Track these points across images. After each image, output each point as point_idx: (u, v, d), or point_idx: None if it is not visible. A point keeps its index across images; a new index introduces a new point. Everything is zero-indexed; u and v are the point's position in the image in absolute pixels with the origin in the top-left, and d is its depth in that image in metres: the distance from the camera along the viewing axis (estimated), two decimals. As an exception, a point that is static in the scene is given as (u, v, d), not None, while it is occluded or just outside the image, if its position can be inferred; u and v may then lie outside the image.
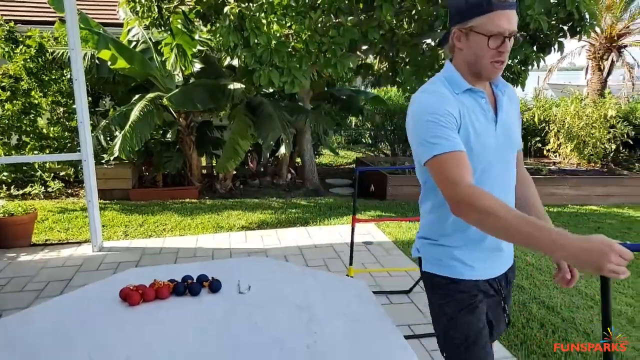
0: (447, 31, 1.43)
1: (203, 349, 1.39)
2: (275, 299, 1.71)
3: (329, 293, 1.76)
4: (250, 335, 1.46)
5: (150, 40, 6.21)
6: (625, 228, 6.02)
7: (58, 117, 5.96)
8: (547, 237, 1.08)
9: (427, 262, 1.50)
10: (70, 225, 4.98)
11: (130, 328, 1.52)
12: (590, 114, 8.22)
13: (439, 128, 1.29)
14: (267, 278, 1.90)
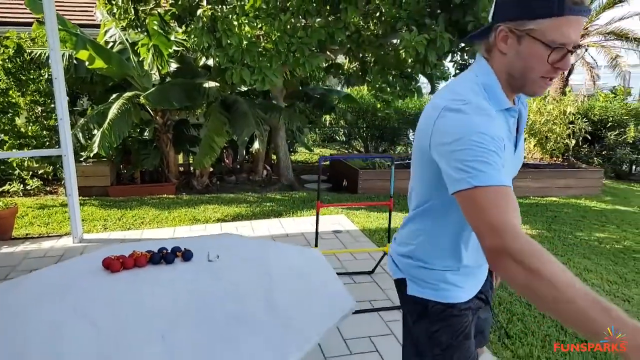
0: (486, 25, 1.15)
1: (175, 307, 1.62)
2: (239, 264, 1.95)
3: (286, 258, 2.02)
4: (216, 294, 1.70)
5: (127, 41, 6.36)
6: (580, 216, 6.43)
7: (36, 116, 6.07)
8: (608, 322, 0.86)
9: (415, 286, 1.31)
10: (50, 220, 5.12)
11: (111, 290, 1.75)
12: (551, 110, 8.67)
13: (490, 154, 1.02)
14: (235, 249, 2.14)
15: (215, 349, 1.34)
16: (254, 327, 1.46)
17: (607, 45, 10.94)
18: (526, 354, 2.67)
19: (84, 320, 1.51)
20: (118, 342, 1.38)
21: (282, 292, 1.71)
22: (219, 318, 1.52)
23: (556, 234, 5.47)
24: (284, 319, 1.52)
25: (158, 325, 1.47)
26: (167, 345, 1.35)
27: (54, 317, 1.54)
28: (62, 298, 1.67)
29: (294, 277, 1.84)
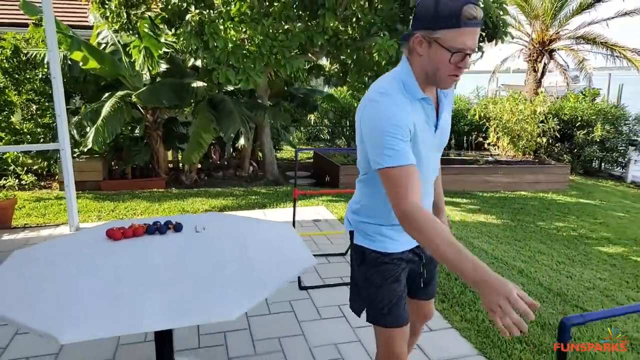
0: (408, 33, 1.45)
1: (167, 265, 1.98)
2: (221, 235, 2.32)
3: (261, 229, 2.39)
4: (201, 255, 2.07)
5: (119, 42, 6.68)
6: (544, 208, 6.90)
7: (31, 114, 6.36)
8: (467, 267, 1.17)
9: (359, 236, 1.66)
10: (47, 211, 5.43)
11: (113, 254, 2.10)
12: (523, 110, 9.15)
13: (396, 141, 1.35)
14: (218, 223, 2.51)
15: (199, 293, 1.70)
16: (229, 278, 1.83)
17: (575, 49, 11.49)
18: (473, 318, 3.08)
19: (92, 274, 1.86)
20: (122, 290, 1.74)
21: (254, 253, 2.08)
22: (202, 272, 1.88)
23: (519, 223, 5.91)
24: (254, 271, 1.89)
25: (154, 278, 1.83)
26: (161, 293, 1.71)
27: (68, 271, 1.89)
28: (74, 258, 2.02)
29: (265, 243, 2.22)
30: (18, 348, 2.63)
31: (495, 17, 5.38)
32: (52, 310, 1.56)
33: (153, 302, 1.61)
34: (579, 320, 1.04)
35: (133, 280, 1.81)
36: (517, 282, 3.76)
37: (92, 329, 1.46)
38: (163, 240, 2.25)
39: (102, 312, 1.55)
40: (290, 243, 2.19)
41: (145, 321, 1.51)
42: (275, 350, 2.65)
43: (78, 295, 1.68)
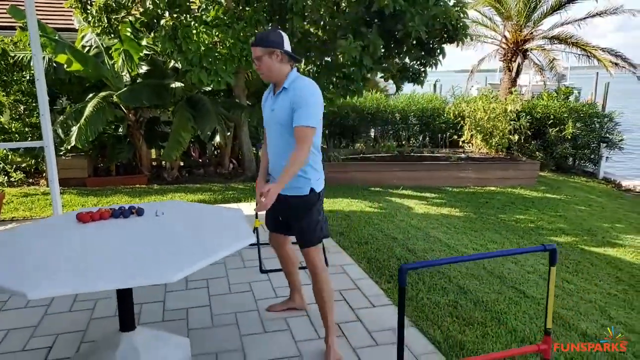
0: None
1: (127, 244, 2.31)
2: (177, 218, 2.66)
3: (215, 213, 2.74)
4: (157, 234, 2.41)
5: (102, 45, 6.99)
6: (509, 202, 7.29)
7: (19, 114, 6.67)
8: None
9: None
10: (34, 205, 5.75)
11: (81, 233, 2.44)
12: (495, 108, 9.54)
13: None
14: (177, 209, 2.85)
15: (149, 262, 2.03)
16: (176, 251, 2.17)
17: (547, 48, 11.91)
18: (412, 297, 3.43)
19: (61, 247, 2.20)
20: (85, 259, 2.08)
21: (203, 232, 2.43)
22: (154, 247, 2.22)
23: (481, 215, 6.29)
24: (199, 245, 2.23)
25: (112, 251, 2.17)
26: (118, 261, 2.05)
27: (41, 245, 2.22)
28: (48, 236, 2.36)
29: (215, 224, 2.56)
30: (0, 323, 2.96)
31: (455, 20, 5.75)
32: (24, 274, 1.90)
33: (110, 269, 1.95)
34: (414, 266, 1.40)
35: (95, 252, 2.15)
36: (462, 266, 4.12)
37: (56, 288, 1.80)
38: (125, 223, 2.58)
39: (67, 276, 1.89)
40: (236, 225, 2.54)
41: (99, 282, 1.85)
42: (231, 323, 3.00)
43: (48, 264, 2.02)
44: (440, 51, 6.07)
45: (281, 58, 2.36)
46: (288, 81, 2.38)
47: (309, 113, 2.31)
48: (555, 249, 1.54)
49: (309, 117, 2.31)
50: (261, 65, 2.37)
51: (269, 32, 2.42)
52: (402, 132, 10.55)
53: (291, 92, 2.35)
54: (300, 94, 2.32)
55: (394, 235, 4.80)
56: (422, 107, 10.64)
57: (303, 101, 2.31)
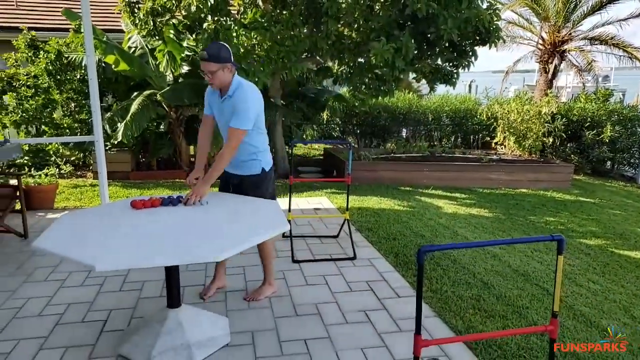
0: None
1: (177, 227, 2.60)
2: (220, 207, 2.94)
3: (253, 204, 3.00)
4: (202, 219, 2.68)
5: (146, 46, 7.42)
6: (540, 204, 7.30)
7: (70, 111, 7.17)
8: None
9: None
10: (83, 196, 6.20)
11: (135, 217, 2.74)
12: (528, 110, 9.51)
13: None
14: (219, 199, 3.13)
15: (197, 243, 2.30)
16: (221, 234, 2.43)
17: (586, 50, 11.72)
18: (437, 289, 3.61)
19: (119, 229, 2.51)
20: (140, 240, 2.37)
21: (243, 219, 2.69)
22: (200, 230, 2.50)
23: (510, 216, 6.36)
24: (240, 230, 2.50)
25: (164, 233, 2.45)
26: (167, 240, 2.33)
27: (102, 226, 2.54)
28: (106, 219, 2.67)
29: (254, 213, 2.82)
30: (60, 298, 3.32)
31: (488, 23, 5.85)
32: (90, 249, 2.20)
33: (162, 248, 2.24)
34: (431, 248, 1.60)
35: (149, 233, 2.44)
36: (488, 264, 4.26)
37: (118, 262, 2.09)
38: (174, 210, 2.87)
39: (126, 253, 2.18)
40: (273, 214, 2.79)
41: (157, 258, 2.13)
42: (265, 307, 3.26)
43: (108, 241, 2.32)
44: (473, 53, 6.17)
45: (230, 69, 2.82)
46: (232, 89, 2.85)
47: (241, 117, 2.82)
48: (562, 239, 1.71)
49: (241, 120, 2.82)
50: (214, 78, 2.79)
51: (219, 47, 2.79)
52: (434, 133, 10.62)
53: (233, 99, 2.85)
54: (238, 102, 2.83)
55: (421, 233, 4.97)
56: (455, 107, 10.67)
57: (239, 108, 2.83)
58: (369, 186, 7.36)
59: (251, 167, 3.08)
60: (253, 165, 3.08)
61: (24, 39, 6.82)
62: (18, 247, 4.27)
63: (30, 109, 6.71)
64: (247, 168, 3.08)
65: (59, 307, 3.18)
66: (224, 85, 2.87)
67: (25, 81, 6.73)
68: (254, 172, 3.09)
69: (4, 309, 3.15)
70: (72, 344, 2.73)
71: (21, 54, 6.82)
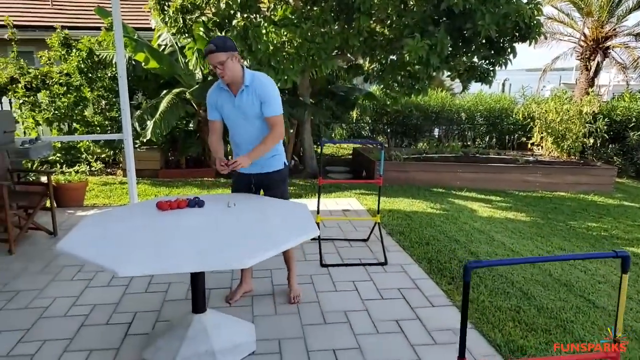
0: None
1: (203, 230, 2.51)
2: (248, 209, 2.84)
3: (281, 206, 2.89)
4: (228, 222, 2.59)
5: (176, 44, 7.44)
6: (580, 209, 6.95)
7: (101, 109, 7.26)
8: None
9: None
10: (112, 194, 6.24)
11: (161, 219, 2.67)
12: (568, 110, 9.11)
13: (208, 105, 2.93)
14: (246, 201, 3.04)
15: (223, 247, 2.21)
16: (249, 238, 2.33)
17: (632, 46, 11.16)
18: (473, 299, 3.43)
19: (144, 231, 2.44)
20: (166, 243, 2.29)
21: (272, 223, 2.58)
22: (228, 234, 2.40)
23: (549, 221, 6.06)
24: (269, 235, 2.39)
25: (190, 236, 2.37)
26: (194, 245, 2.24)
27: (127, 228, 2.47)
28: (132, 220, 2.61)
29: (282, 215, 2.71)
30: (86, 298, 3.29)
31: (529, 18, 5.59)
32: (113, 253, 2.13)
33: (188, 252, 2.15)
34: (479, 265, 1.45)
35: (174, 236, 2.36)
36: (527, 273, 4.04)
37: (141, 268, 2.02)
38: (201, 212, 2.79)
39: (150, 257, 2.10)
40: (302, 218, 2.67)
41: (181, 265, 2.04)
42: (292, 312, 3.15)
43: (133, 245, 2.25)
44: (511, 50, 5.92)
45: (238, 59, 2.72)
46: (247, 79, 2.76)
47: (276, 103, 2.78)
48: (628, 256, 1.53)
49: (277, 107, 2.79)
50: (225, 69, 2.66)
51: (223, 38, 2.73)
52: (467, 133, 10.33)
53: (254, 88, 2.75)
54: (264, 89, 2.77)
55: (456, 238, 4.77)
56: (489, 107, 10.34)
57: (269, 95, 2.77)
58: (400, 187, 7.17)
59: (273, 163, 3.06)
60: (275, 161, 3.06)
61: (58, 37, 6.93)
62: (47, 244, 4.29)
63: (62, 106, 6.81)
64: (270, 165, 3.05)
65: (84, 307, 3.15)
66: (236, 77, 2.75)
67: (58, 79, 6.83)
68: (277, 168, 3.08)
69: (31, 308, 3.15)
70: (96, 347, 2.68)
71: (54, 52, 6.93)
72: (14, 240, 4.07)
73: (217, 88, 2.88)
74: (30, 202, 4.50)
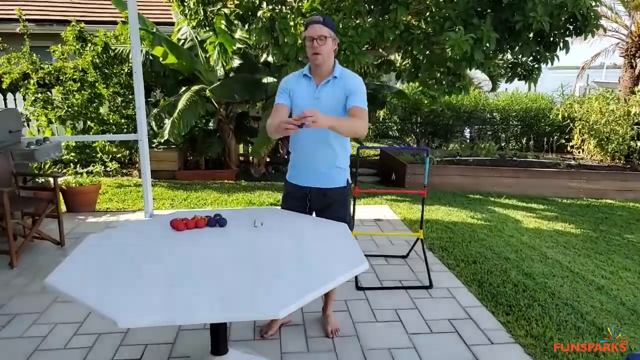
0: None
1: (221, 258, 2.04)
2: (278, 231, 2.36)
3: (318, 228, 2.41)
4: (256, 249, 2.11)
5: (196, 38, 7.02)
6: (635, 220, 6.31)
7: (117, 106, 6.88)
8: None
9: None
10: (126, 197, 5.85)
11: (174, 244, 2.21)
12: (615, 110, 8.43)
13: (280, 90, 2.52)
14: (276, 220, 2.56)
15: (251, 288, 1.74)
16: (281, 275, 1.86)
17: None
18: (540, 334, 2.90)
19: (154, 262, 1.98)
20: (180, 279, 1.83)
21: (308, 252, 2.10)
22: (256, 267, 1.93)
23: (602, 234, 5.47)
24: (306, 270, 1.91)
25: (210, 270, 1.90)
26: (216, 282, 1.78)
27: (132, 259, 2.02)
28: (138, 247, 2.15)
29: (320, 242, 2.23)
30: (90, 326, 2.86)
31: (586, 9, 4.99)
32: (114, 295, 1.68)
33: (207, 294, 1.68)
34: None
35: (191, 270, 1.90)
36: (595, 300, 3.49)
37: (148, 317, 1.56)
38: (222, 233, 2.33)
39: (160, 301, 1.64)
40: (345, 245, 2.19)
41: (198, 313, 1.58)
42: (328, 349, 2.67)
43: (139, 282, 1.79)
44: (564, 45, 5.32)
45: (335, 46, 2.46)
46: (337, 70, 2.45)
47: (364, 98, 2.43)
48: None
49: (365, 101, 2.42)
50: (324, 46, 2.36)
51: (327, 16, 2.47)
52: (501, 134, 9.72)
53: (343, 80, 2.44)
54: (354, 82, 2.44)
55: (505, 255, 4.23)
56: (525, 106, 9.72)
57: (358, 88, 2.42)
58: (434, 193, 6.63)
59: (336, 177, 2.59)
60: (337, 175, 2.59)
61: (72, 30, 6.56)
62: (53, 256, 3.89)
63: (76, 103, 6.44)
64: (331, 179, 2.58)
65: (88, 338, 2.73)
66: (327, 64, 2.42)
67: (72, 75, 6.46)
68: (339, 184, 2.60)
69: (27, 337, 2.73)
70: (97, 394, 2.24)
71: (69, 47, 6.56)
72: (16, 251, 3.68)
73: (298, 75, 2.54)
74: (37, 209, 4.11)
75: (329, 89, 2.43)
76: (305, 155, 2.58)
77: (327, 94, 2.43)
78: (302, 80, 2.50)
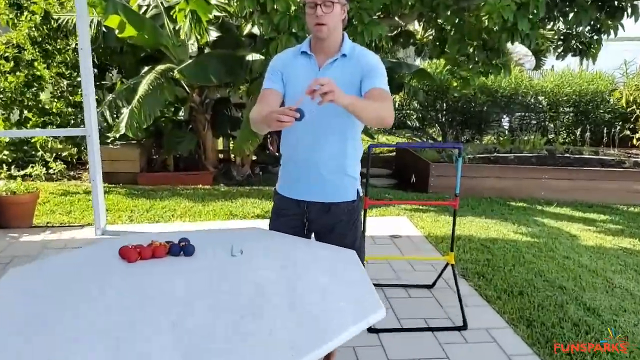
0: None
1: (189, 298, 1.88)
2: (261, 262, 2.19)
3: (317, 259, 2.24)
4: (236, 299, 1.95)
5: (162, 4, 6.88)
6: None
7: (62, 91, 6.76)
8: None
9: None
10: (73, 208, 5.71)
11: (126, 280, 2.04)
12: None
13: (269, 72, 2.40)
14: (260, 246, 2.39)
15: (230, 342, 1.57)
16: (271, 323, 1.69)
17: None
18: None
19: (93, 308, 1.81)
20: (127, 331, 1.66)
21: (307, 290, 1.93)
22: (233, 311, 1.76)
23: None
24: (306, 318, 1.74)
25: (166, 318, 1.73)
26: (177, 335, 1.61)
27: (69, 300, 1.85)
28: (74, 285, 1.98)
29: (320, 277, 2.06)
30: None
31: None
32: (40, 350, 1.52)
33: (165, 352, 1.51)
34: None
35: (144, 317, 1.73)
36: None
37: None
38: (188, 265, 2.17)
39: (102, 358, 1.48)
40: (354, 281, 2.02)
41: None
42: (332, 414, 2.51)
43: (73, 336, 1.62)
44: (633, 11, 5.19)
45: (345, 16, 2.29)
46: (347, 47, 2.30)
47: (386, 81, 2.30)
48: None
49: (386, 83, 2.29)
50: (330, 14, 2.17)
51: None
52: (549, 124, 9.64)
53: (356, 59, 2.29)
54: (371, 60, 2.31)
55: (561, 283, 4.09)
56: (579, 89, 9.65)
57: (377, 67, 2.29)
58: (466, 199, 6.51)
59: (342, 188, 2.43)
60: (346, 184, 2.44)
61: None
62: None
63: (9, 88, 6.30)
64: (337, 190, 2.42)
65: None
66: (334, 38, 2.28)
67: (3, 52, 6.31)
68: (347, 198, 2.44)
69: None
70: None
71: (0, 16, 6.43)
72: None
73: (294, 52, 2.41)
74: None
75: (337, 70, 2.26)
76: (303, 158, 2.40)
77: (334, 77, 2.10)
78: (299, 59, 2.35)
